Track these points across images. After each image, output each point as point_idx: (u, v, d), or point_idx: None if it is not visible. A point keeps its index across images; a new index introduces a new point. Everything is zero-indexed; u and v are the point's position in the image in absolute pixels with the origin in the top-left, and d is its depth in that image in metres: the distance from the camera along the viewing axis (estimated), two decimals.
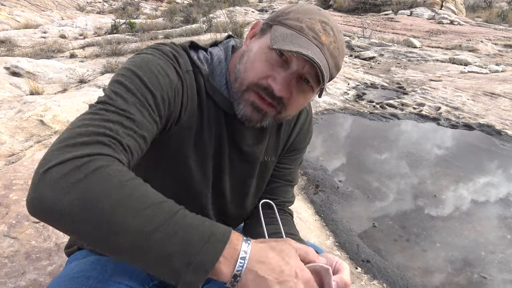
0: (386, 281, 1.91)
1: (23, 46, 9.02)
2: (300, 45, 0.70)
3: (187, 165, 0.84)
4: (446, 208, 2.64)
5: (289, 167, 1.03)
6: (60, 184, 0.53)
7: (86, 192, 0.53)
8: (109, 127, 0.61)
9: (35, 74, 5.07)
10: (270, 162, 0.98)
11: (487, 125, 4.17)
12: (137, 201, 0.54)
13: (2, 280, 1.42)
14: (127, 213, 0.53)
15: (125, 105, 0.65)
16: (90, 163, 0.55)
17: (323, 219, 2.41)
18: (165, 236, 0.53)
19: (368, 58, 7.95)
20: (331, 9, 16.92)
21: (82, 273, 0.84)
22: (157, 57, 0.75)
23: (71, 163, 0.54)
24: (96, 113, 0.63)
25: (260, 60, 0.76)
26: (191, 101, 0.81)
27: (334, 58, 0.76)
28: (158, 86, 0.71)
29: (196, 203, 0.91)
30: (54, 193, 0.52)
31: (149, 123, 0.69)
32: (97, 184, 0.53)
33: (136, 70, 0.71)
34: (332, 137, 3.83)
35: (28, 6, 17.75)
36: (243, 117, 0.80)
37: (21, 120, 2.91)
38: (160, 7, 21.50)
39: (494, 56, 8.58)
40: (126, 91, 0.67)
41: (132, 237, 0.53)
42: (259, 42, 0.79)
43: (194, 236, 0.54)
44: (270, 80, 0.75)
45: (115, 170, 0.56)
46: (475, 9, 19.88)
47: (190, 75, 0.81)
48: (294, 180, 1.05)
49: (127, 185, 0.55)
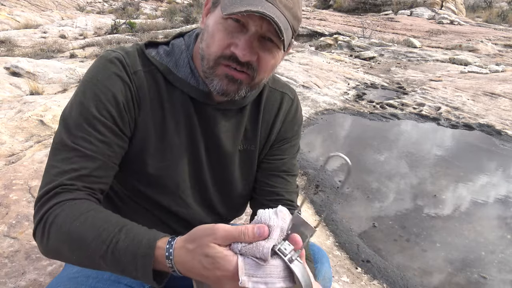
0: (386, 281, 1.91)
1: (23, 46, 9.02)
2: (249, 4, 0.70)
3: (151, 163, 0.84)
4: (446, 208, 2.64)
5: (281, 157, 1.00)
6: (41, 242, 0.72)
7: (53, 243, 0.70)
8: (64, 173, 0.73)
9: (35, 74, 5.07)
10: (250, 151, 0.96)
11: (487, 125, 4.17)
12: (81, 241, 0.67)
13: (2, 280, 1.42)
14: (77, 251, 0.68)
15: (76, 146, 0.74)
16: (47, 219, 0.70)
17: (323, 219, 2.41)
18: (109, 261, 0.66)
19: (368, 58, 7.95)
20: (331, 9, 16.92)
21: (81, 273, 0.84)
22: (101, 70, 0.79)
23: (39, 226, 0.71)
24: (52, 164, 0.75)
25: (218, 31, 0.75)
26: (143, 101, 0.81)
27: (290, 9, 0.74)
28: (102, 107, 0.77)
29: (177, 201, 0.90)
30: (42, 249, 0.73)
31: (104, 148, 0.76)
32: (53, 236, 0.69)
33: (82, 98, 0.78)
34: (332, 137, 3.83)
35: (28, 6, 17.75)
36: (220, 91, 0.79)
37: (21, 120, 2.91)
38: (160, 7, 21.50)
39: (494, 56, 8.58)
40: (75, 126, 0.75)
41: (90, 263, 0.69)
42: (213, 16, 0.78)
43: (127, 258, 0.65)
44: (233, 48, 0.75)
45: (64, 217, 0.69)
46: (475, 9, 19.89)
47: (139, 75, 0.81)
48: (291, 170, 1.01)
49: (70, 229, 0.68)
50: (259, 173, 1.00)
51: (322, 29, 11.28)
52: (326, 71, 6.23)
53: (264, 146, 0.98)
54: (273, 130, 0.98)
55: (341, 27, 12.04)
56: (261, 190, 0.99)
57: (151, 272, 0.64)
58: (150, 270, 0.64)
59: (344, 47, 8.99)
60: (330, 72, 6.21)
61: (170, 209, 0.91)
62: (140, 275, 0.65)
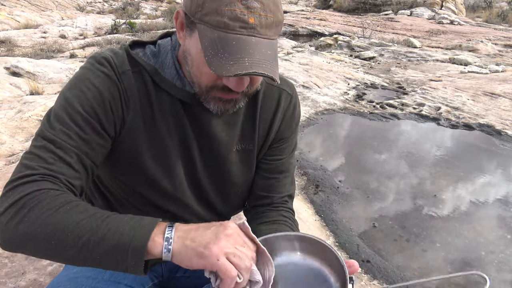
0: (386, 281, 1.91)
1: (23, 46, 9.02)
2: (233, 54, 0.67)
3: (145, 164, 0.84)
4: (446, 208, 2.64)
5: (280, 158, 0.98)
6: (8, 226, 0.65)
7: (27, 228, 0.64)
8: (43, 165, 0.70)
9: (35, 74, 5.07)
10: (249, 150, 0.94)
11: (487, 125, 4.17)
12: (69, 221, 0.64)
13: (2, 280, 1.42)
14: (62, 233, 0.63)
15: (55, 137, 0.72)
16: (26, 202, 0.65)
17: (323, 219, 2.41)
18: (100, 238, 0.62)
19: (368, 58, 7.95)
20: (331, 9, 16.92)
21: (81, 273, 0.84)
22: (88, 70, 0.79)
23: (12, 208, 0.65)
24: (32, 154, 0.72)
25: (203, 64, 0.71)
26: (132, 101, 0.80)
27: (271, 25, 0.70)
28: (87, 103, 0.75)
29: (173, 199, 0.89)
30: (6, 235, 0.66)
31: (82, 144, 0.74)
32: (33, 219, 0.64)
33: (67, 93, 0.77)
34: (332, 137, 3.83)
35: (28, 6, 17.75)
36: (218, 112, 0.80)
37: (21, 120, 2.91)
38: (160, 7, 21.50)
39: (494, 56, 8.58)
40: (56, 120, 0.74)
41: (74, 250, 0.63)
42: (192, 44, 0.74)
43: (126, 227, 0.63)
44: (225, 81, 0.74)
45: (48, 202, 0.65)
46: (475, 9, 19.88)
47: (127, 75, 0.80)
48: (288, 170, 1.00)
49: (58, 212, 0.65)
50: (255, 172, 0.98)
51: (322, 29, 11.28)
52: (326, 71, 6.23)
53: (263, 146, 0.97)
54: (272, 128, 0.96)
55: (341, 27, 12.04)
56: (256, 191, 0.98)
57: (147, 240, 0.62)
58: (147, 239, 0.62)
59: (344, 47, 8.99)
60: (330, 72, 6.21)
61: (168, 210, 0.90)
62: (133, 247, 0.62)
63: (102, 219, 0.64)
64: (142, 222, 0.65)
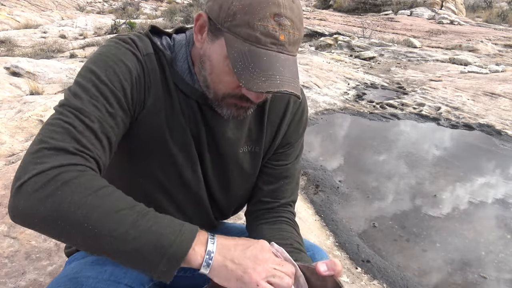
0: (386, 281, 1.91)
1: (23, 46, 9.02)
2: (265, 71, 0.67)
3: (167, 148, 0.83)
4: (446, 208, 2.64)
5: (285, 163, 0.98)
6: (35, 196, 0.58)
7: (59, 204, 0.58)
8: (73, 134, 0.65)
9: (35, 74, 5.07)
10: (255, 153, 0.94)
11: (487, 125, 4.17)
12: (109, 207, 0.60)
13: (2, 280, 1.42)
14: (100, 218, 0.59)
15: (82, 106, 0.68)
16: (60, 175, 0.60)
17: (323, 219, 2.41)
18: (138, 233, 0.60)
19: (368, 58, 7.95)
20: (331, 9, 16.92)
21: (81, 273, 0.83)
22: (113, 47, 0.75)
23: (42, 177, 0.59)
24: (60, 120, 0.66)
25: (226, 73, 0.72)
26: (154, 85, 0.79)
27: (296, 42, 0.72)
28: (115, 78, 0.72)
29: (189, 189, 0.89)
30: (29, 205, 0.58)
31: (109, 118, 0.71)
32: (68, 196, 0.58)
33: (92, 66, 0.72)
34: (332, 137, 3.83)
35: (28, 6, 17.75)
36: (229, 117, 0.80)
37: (21, 120, 2.91)
38: (160, 7, 21.49)
39: (494, 56, 8.58)
40: (82, 91, 0.69)
41: (107, 238, 0.59)
42: (215, 50, 0.73)
43: (167, 230, 0.61)
44: (244, 91, 0.73)
45: (86, 180, 0.61)
46: (475, 9, 19.88)
47: (150, 58, 0.79)
48: (292, 175, 0.99)
49: (97, 194, 0.60)
50: (259, 176, 0.98)
51: (322, 29, 11.28)
52: (326, 71, 6.23)
53: (269, 149, 0.96)
54: (279, 132, 0.95)
55: (341, 27, 12.04)
56: (260, 197, 0.98)
57: (189, 248, 0.61)
58: (189, 247, 0.61)
59: (344, 47, 8.99)
60: (330, 72, 6.21)
61: (179, 198, 0.90)
62: (171, 252, 0.60)
63: (143, 213, 0.62)
64: (183, 228, 0.63)
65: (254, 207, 1.00)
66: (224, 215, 1.04)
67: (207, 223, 1.00)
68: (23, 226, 0.62)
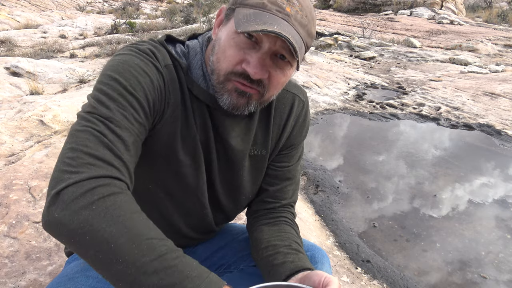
0: (386, 281, 1.91)
1: (23, 46, 9.02)
2: (265, 22, 0.69)
3: (178, 158, 0.84)
4: (446, 208, 2.64)
5: (288, 165, 0.99)
6: (71, 207, 0.57)
7: (92, 218, 0.56)
8: (106, 143, 0.64)
9: (35, 74, 5.07)
10: (261, 156, 0.95)
11: (487, 125, 4.17)
12: (141, 232, 0.58)
13: (2, 280, 1.42)
14: (128, 241, 0.56)
15: (112, 114, 0.67)
16: (97, 188, 0.58)
17: (323, 219, 2.41)
18: (163, 267, 0.56)
19: (368, 58, 7.95)
20: (331, 9, 16.92)
21: (81, 273, 0.84)
22: (135, 57, 0.76)
23: (79, 187, 0.58)
24: (90, 128, 0.65)
25: (230, 47, 0.74)
26: (173, 95, 0.80)
27: (304, 26, 0.73)
28: (139, 88, 0.72)
29: (193, 197, 0.90)
30: (64, 215, 0.57)
31: (137, 127, 0.71)
32: (102, 212, 0.57)
33: (115, 75, 0.71)
34: (332, 137, 3.83)
35: (28, 6, 17.75)
36: (230, 106, 0.79)
37: (21, 120, 2.91)
38: (160, 7, 21.50)
39: (494, 56, 8.58)
40: (109, 99, 0.68)
41: (128, 264, 0.55)
42: (225, 29, 0.76)
43: (193, 273, 0.58)
44: (245, 65, 0.74)
45: (122, 201, 0.60)
46: (475, 9, 19.88)
47: (169, 69, 0.80)
48: (294, 177, 1.01)
49: (132, 217, 0.59)
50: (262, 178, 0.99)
51: (322, 29, 11.28)
52: (326, 71, 6.23)
53: (273, 151, 0.97)
54: (284, 134, 0.96)
55: (341, 27, 12.04)
56: (262, 197, 0.99)
57: None
58: None
59: (344, 47, 8.99)
60: (330, 72, 6.21)
61: (185, 207, 0.90)
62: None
63: (172, 249, 0.60)
64: (210, 276, 0.61)
65: (255, 207, 1.01)
66: (229, 219, 1.05)
67: (208, 230, 1.01)
68: (53, 235, 0.60)
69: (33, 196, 1.94)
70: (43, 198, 1.95)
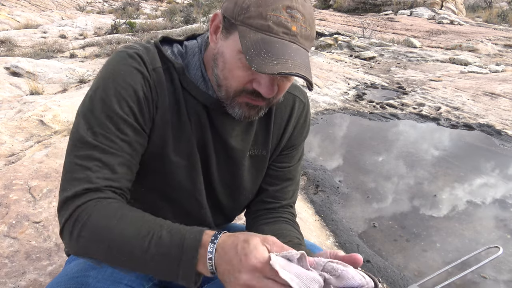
0: (386, 281, 1.91)
1: (23, 46, 9.02)
2: (277, 56, 0.68)
3: (170, 159, 0.84)
4: (446, 208, 2.64)
5: (288, 165, 1.00)
6: (72, 240, 0.70)
7: (84, 243, 0.68)
8: (89, 179, 0.72)
9: (35, 74, 5.07)
10: (261, 156, 0.95)
11: (487, 125, 4.17)
12: (121, 237, 0.66)
13: (2, 280, 1.42)
14: (117, 247, 0.66)
15: (99, 143, 0.73)
16: (78, 219, 0.69)
17: (323, 219, 2.41)
18: (151, 257, 0.65)
19: (368, 58, 7.95)
20: (331, 9, 16.92)
21: (81, 273, 0.84)
22: (121, 65, 0.78)
23: (70, 222, 0.69)
24: (77, 161, 0.73)
25: (238, 68, 0.73)
26: (161, 98, 0.81)
27: (308, 37, 0.73)
28: (124, 104, 0.76)
29: (190, 197, 0.90)
30: (74, 249, 0.71)
31: (127, 147, 0.76)
32: (89, 236, 0.68)
33: (103, 93, 0.76)
34: (332, 137, 3.83)
35: (28, 6, 17.75)
36: (241, 117, 0.80)
37: (21, 120, 2.91)
38: (160, 7, 21.50)
39: (494, 56, 8.58)
40: (97, 125, 0.74)
41: (130, 262, 0.67)
42: (228, 45, 0.74)
43: (172, 251, 0.64)
44: (255, 85, 0.74)
45: (98, 215, 0.68)
46: (475, 9, 19.88)
47: (157, 72, 0.80)
48: (294, 177, 1.02)
49: (110, 225, 0.67)
50: (262, 178, 0.99)
51: (322, 29, 11.28)
52: (326, 71, 6.23)
53: (274, 152, 0.97)
54: (285, 135, 0.97)
55: (341, 27, 12.04)
56: (262, 197, 0.99)
57: (196, 256, 0.63)
58: (196, 255, 0.63)
59: (344, 47, 8.99)
60: (330, 72, 6.21)
61: (183, 208, 0.90)
62: (184, 264, 0.63)
63: (156, 228, 0.67)
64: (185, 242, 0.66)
65: (255, 207, 1.01)
66: (229, 220, 1.05)
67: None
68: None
69: (33, 196, 1.94)
70: (43, 198, 1.95)
